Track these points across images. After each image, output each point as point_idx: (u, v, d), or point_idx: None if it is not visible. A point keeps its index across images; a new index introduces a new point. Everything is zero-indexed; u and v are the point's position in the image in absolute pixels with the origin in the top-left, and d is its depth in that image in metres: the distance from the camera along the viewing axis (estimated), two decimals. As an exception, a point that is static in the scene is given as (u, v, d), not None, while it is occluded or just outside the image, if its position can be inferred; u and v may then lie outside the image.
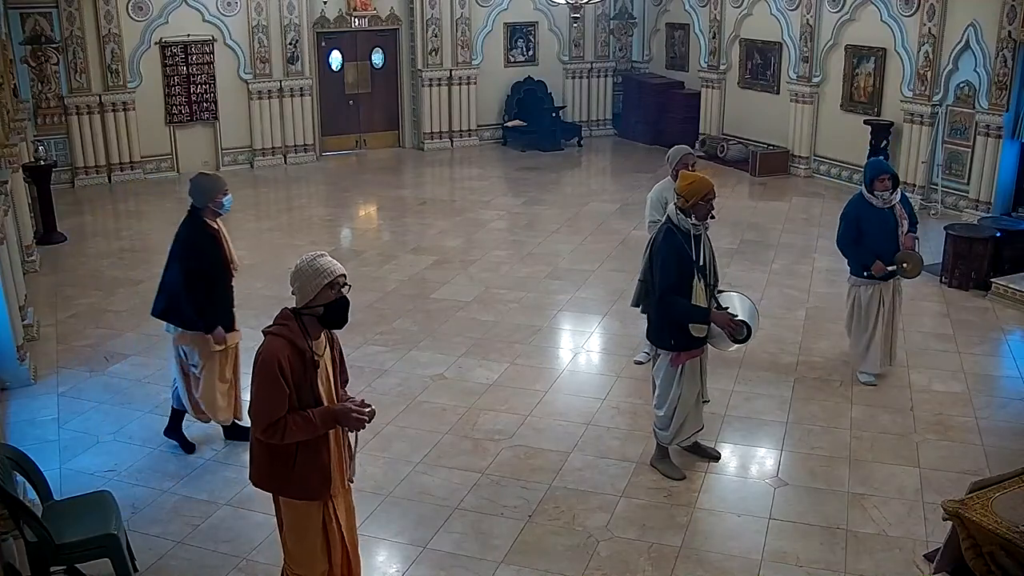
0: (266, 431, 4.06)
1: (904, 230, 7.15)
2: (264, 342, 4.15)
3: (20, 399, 7.38)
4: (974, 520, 4.48)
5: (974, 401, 7.23)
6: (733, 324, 5.81)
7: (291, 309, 4.21)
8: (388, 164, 16.23)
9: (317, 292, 4.12)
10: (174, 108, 14.91)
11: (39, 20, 13.65)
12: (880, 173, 7.11)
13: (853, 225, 7.19)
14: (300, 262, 4.20)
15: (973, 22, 11.71)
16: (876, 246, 7.10)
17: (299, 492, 4.25)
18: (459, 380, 7.67)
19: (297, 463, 4.18)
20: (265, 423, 4.06)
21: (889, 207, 7.11)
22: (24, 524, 4.68)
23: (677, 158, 7.40)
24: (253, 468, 4.33)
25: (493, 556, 5.37)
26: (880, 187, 7.06)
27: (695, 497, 5.97)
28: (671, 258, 5.77)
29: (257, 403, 4.09)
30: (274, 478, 4.26)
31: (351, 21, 15.98)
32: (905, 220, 7.17)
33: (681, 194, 5.82)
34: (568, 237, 11.71)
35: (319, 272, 4.13)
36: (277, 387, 4.02)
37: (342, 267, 4.23)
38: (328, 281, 4.12)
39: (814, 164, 14.76)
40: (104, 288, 10.01)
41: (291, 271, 4.23)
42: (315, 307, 4.15)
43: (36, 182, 11.58)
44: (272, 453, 4.18)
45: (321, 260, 4.18)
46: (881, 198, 7.07)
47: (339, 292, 4.18)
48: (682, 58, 17.67)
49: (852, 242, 7.23)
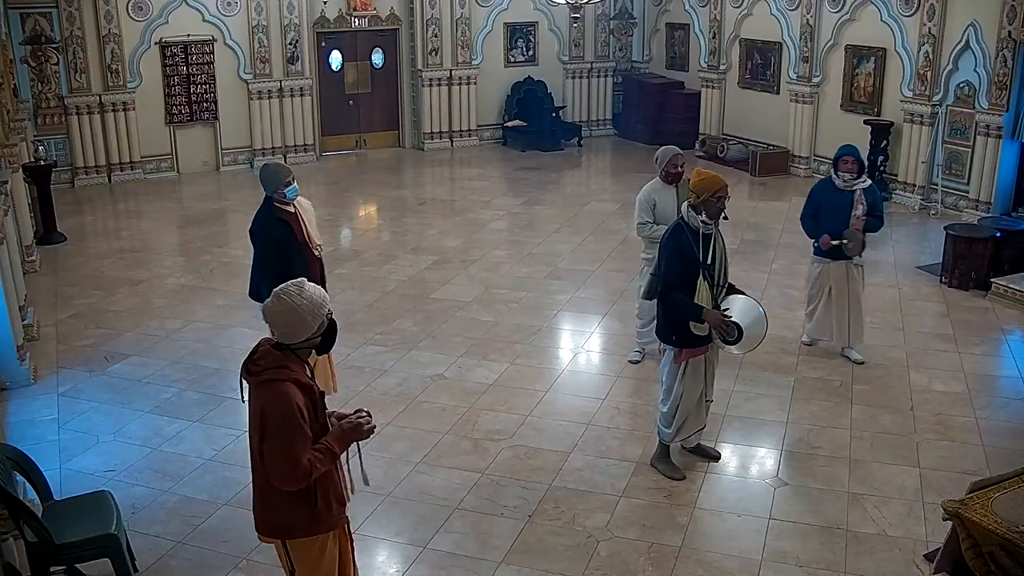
0: (298, 481, 3.77)
1: (858, 214, 7.62)
2: (268, 392, 3.77)
3: (20, 399, 7.38)
4: (974, 520, 4.48)
5: (974, 401, 7.23)
6: (723, 325, 5.75)
7: (283, 346, 3.84)
8: (388, 164, 16.23)
9: (321, 322, 3.86)
10: (174, 108, 14.92)
11: (39, 20, 13.65)
12: (845, 154, 7.67)
13: (813, 202, 7.85)
14: (288, 299, 3.79)
15: (973, 22, 11.71)
16: (827, 224, 7.68)
17: (324, 526, 4.00)
18: (459, 380, 7.67)
19: (319, 498, 3.92)
20: (297, 475, 3.74)
21: (850, 190, 7.62)
22: (24, 524, 4.68)
23: (666, 159, 7.42)
24: (270, 521, 3.99)
25: (493, 556, 5.37)
26: (843, 167, 7.60)
27: (695, 497, 5.97)
28: (676, 255, 5.79)
29: (285, 459, 3.73)
30: (298, 522, 3.95)
31: (351, 21, 15.99)
32: (862, 206, 7.63)
33: (693, 189, 5.82)
34: (568, 237, 11.71)
35: (321, 302, 3.86)
36: (303, 436, 3.75)
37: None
38: (328, 307, 3.90)
39: (814, 164, 14.76)
40: (104, 288, 10.01)
41: (273, 310, 3.82)
42: (314, 338, 3.89)
43: (36, 182, 11.58)
44: (294, 499, 3.87)
45: (308, 288, 3.87)
46: (842, 179, 7.61)
47: (329, 312, 3.95)
48: (682, 58, 17.67)
49: (809, 217, 7.86)
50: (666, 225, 7.26)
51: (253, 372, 3.83)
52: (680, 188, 7.41)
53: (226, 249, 11.48)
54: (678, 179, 7.43)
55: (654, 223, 7.41)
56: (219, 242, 11.75)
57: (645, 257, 7.71)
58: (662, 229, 7.29)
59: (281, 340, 3.84)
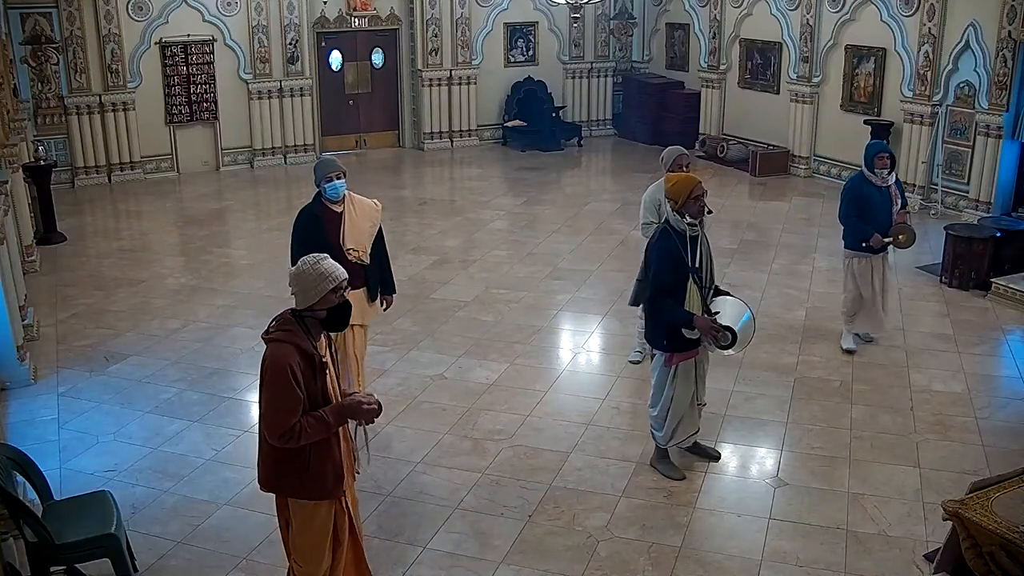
0: (282, 437, 4.00)
1: (898, 207, 7.80)
2: (269, 349, 4.09)
3: (20, 399, 7.38)
4: (974, 520, 4.48)
5: (974, 401, 7.22)
6: (716, 331, 5.73)
7: (292, 312, 4.16)
8: (388, 164, 16.23)
9: (322, 296, 4.10)
10: (174, 108, 14.91)
11: (39, 20, 13.65)
12: (880, 151, 7.77)
13: (855, 202, 7.82)
14: (303, 265, 4.16)
15: (973, 22, 11.71)
16: (874, 221, 7.75)
17: (316, 492, 4.21)
18: (459, 380, 7.67)
19: (312, 464, 4.14)
20: (281, 430, 3.99)
21: (886, 186, 7.77)
22: (24, 524, 4.68)
23: (671, 159, 7.40)
24: (263, 473, 4.27)
25: (493, 556, 5.37)
26: (880, 164, 7.69)
27: (695, 497, 5.96)
28: (664, 260, 5.78)
29: (271, 411, 4.02)
30: (288, 481, 4.20)
31: (351, 21, 15.98)
32: (899, 199, 7.84)
33: (670, 196, 5.83)
34: (568, 237, 11.71)
35: (324, 276, 4.10)
36: (290, 394, 3.98)
37: (344, 271, 4.22)
38: (333, 286, 4.11)
39: (814, 164, 14.76)
40: (104, 288, 10.01)
41: (292, 272, 4.20)
42: (318, 311, 4.13)
43: (36, 182, 11.58)
44: (286, 457, 4.12)
45: (324, 263, 4.14)
46: (880, 176, 7.71)
47: (342, 296, 4.17)
48: (682, 58, 17.67)
49: (854, 217, 7.84)
50: None
51: (267, 331, 4.15)
52: None
53: (226, 249, 11.49)
54: None
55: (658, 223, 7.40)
56: (219, 242, 11.75)
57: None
58: None
59: (296, 305, 4.15)
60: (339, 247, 6.27)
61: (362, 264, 6.41)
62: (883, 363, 7.90)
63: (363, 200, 6.53)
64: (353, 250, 6.35)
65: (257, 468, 4.31)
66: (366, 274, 6.48)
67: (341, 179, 6.36)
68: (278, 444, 4.04)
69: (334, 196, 6.36)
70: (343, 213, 6.38)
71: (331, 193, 6.35)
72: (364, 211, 6.48)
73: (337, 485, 4.25)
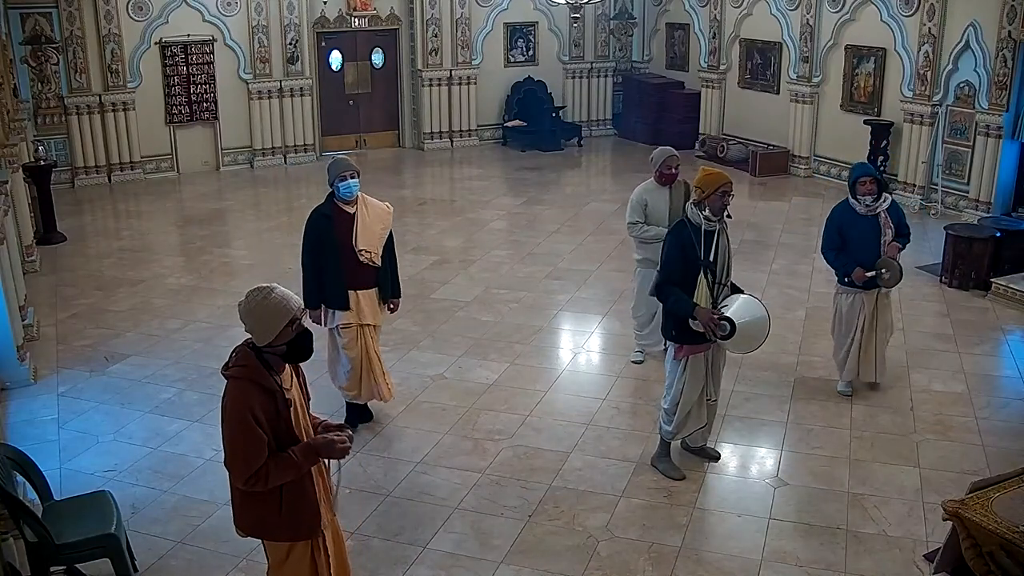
0: (247, 482, 3.75)
1: (887, 239, 6.91)
2: (228, 387, 3.81)
3: (20, 399, 7.38)
4: (974, 520, 4.48)
5: (974, 401, 7.23)
6: (713, 322, 5.70)
7: (250, 345, 3.86)
8: (388, 164, 16.23)
9: (277, 333, 3.79)
10: (174, 108, 14.91)
11: (39, 20, 13.65)
12: (862, 175, 6.89)
13: (836, 232, 7.00)
14: (250, 302, 3.80)
15: (973, 22, 11.71)
16: (858, 254, 6.90)
17: (291, 534, 3.98)
18: (459, 380, 7.67)
19: (284, 505, 3.89)
20: (246, 475, 3.74)
21: (873, 214, 6.87)
22: (24, 524, 4.68)
23: (660, 160, 7.40)
24: (238, 517, 4.02)
25: (493, 556, 5.37)
26: (863, 190, 6.82)
27: (695, 497, 5.96)
28: (675, 251, 5.80)
29: (233, 455, 3.76)
30: (264, 524, 3.97)
31: (351, 21, 15.98)
32: (890, 230, 6.92)
33: (697, 185, 5.81)
34: (568, 237, 11.71)
35: (275, 313, 3.77)
36: (252, 436, 3.71)
37: (298, 299, 3.92)
38: (287, 320, 3.79)
39: (814, 164, 14.76)
40: (104, 288, 10.01)
41: (241, 309, 3.86)
42: (277, 347, 3.84)
43: (36, 182, 11.58)
44: (257, 500, 3.88)
45: (273, 296, 3.79)
46: (864, 203, 6.84)
47: (299, 326, 3.86)
48: (682, 58, 17.67)
49: (835, 249, 7.03)
50: (657, 226, 7.30)
51: (226, 366, 3.90)
52: (673, 190, 7.41)
53: (226, 249, 11.49)
54: (672, 180, 7.42)
55: (645, 223, 7.42)
56: (219, 242, 11.75)
57: (637, 259, 7.72)
58: (653, 230, 7.33)
59: (255, 342, 3.87)
60: (351, 248, 6.31)
61: (374, 265, 6.44)
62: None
63: (376, 203, 6.53)
64: (365, 251, 6.37)
65: (232, 510, 4.08)
66: (378, 275, 6.53)
67: (355, 178, 6.34)
68: (244, 488, 3.81)
69: (347, 195, 6.34)
70: (355, 214, 6.38)
71: (344, 192, 6.32)
72: (376, 213, 6.48)
73: (314, 524, 4.01)
